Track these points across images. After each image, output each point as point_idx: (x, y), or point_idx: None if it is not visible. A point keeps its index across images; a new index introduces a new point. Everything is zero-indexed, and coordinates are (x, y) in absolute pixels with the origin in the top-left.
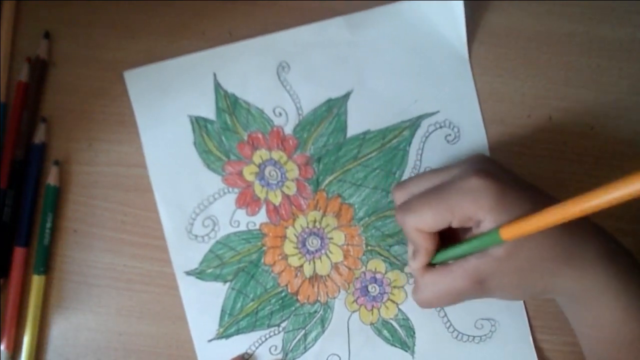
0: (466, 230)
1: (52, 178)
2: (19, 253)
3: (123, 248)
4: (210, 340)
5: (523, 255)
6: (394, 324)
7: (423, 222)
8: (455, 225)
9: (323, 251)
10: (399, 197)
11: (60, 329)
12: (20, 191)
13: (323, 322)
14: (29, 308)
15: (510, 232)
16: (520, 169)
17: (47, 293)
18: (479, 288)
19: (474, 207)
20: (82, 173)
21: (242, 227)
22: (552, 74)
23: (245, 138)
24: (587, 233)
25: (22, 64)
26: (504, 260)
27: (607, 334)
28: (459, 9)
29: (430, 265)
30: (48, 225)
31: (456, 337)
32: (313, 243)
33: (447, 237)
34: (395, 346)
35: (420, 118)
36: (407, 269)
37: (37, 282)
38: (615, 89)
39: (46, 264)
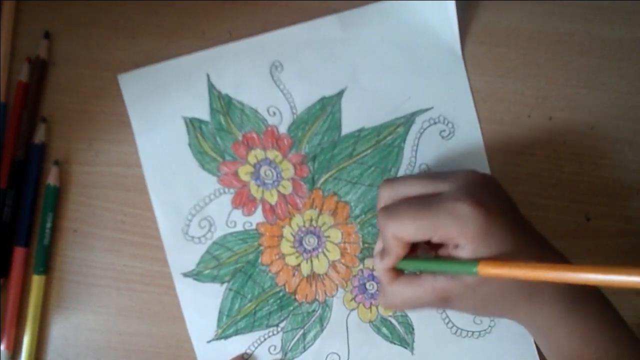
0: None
1: (52, 178)
2: (19, 253)
3: (123, 248)
4: (209, 342)
5: (491, 286)
6: (393, 321)
7: (404, 232)
8: (434, 241)
9: (320, 250)
10: (386, 195)
11: (60, 329)
12: (20, 191)
13: (322, 321)
14: (29, 308)
15: (488, 271)
16: (519, 169)
17: (47, 293)
18: (444, 304)
19: (457, 232)
20: (82, 173)
21: (239, 228)
22: (552, 74)
23: (240, 138)
24: None
25: (22, 64)
26: (472, 288)
27: (564, 355)
28: (451, 5)
29: (395, 269)
30: (48, 225)
31: (455, 333)
32: (310, 242)
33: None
34: (395, 343)
35: (415, 114)
36: (367, 261)
37: (37, 282)
38: (615, 89)
39: (46, 264)
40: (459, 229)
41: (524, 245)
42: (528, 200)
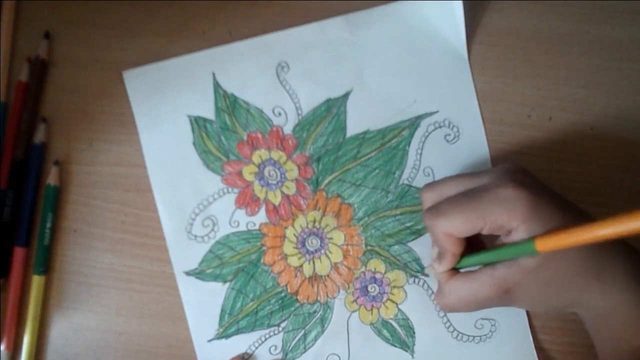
0: (490, 235)
1: (52, 178)
2: (19, 253)
3: (123, 248)
4: (210, 340)
5: (554, 267)
6: (394, 323)
7: (453, 227)
8: (485, 232)
9: (323, 251)
10: (428, 198)
11: (60, 329)
12: (20, 191)
13: (323, 322)
14: (29, 308)
15: (546, 244)
16: None
17: (47, 293)
18: (505, 297)
19: (507, 216)
20: (82, 173)
21: (242, 227)
22: (552, 74)
23: (245, 138)
24: (617, 249)
25: (22, 64)
26: (534, 271)
27: (629, 350)
28: (459, 8)
29: (454, 269)
30: (48, 225)
31: (456, 337)
32: (313, 243)
33: (470, 241)
34: (395, 346)
35: (420, 118)
36: (427, 271)
37: (37, 282)
38: (615, 89)
39: (46, 264)
40: (508, 213)
41: (575, 217)
42: None
